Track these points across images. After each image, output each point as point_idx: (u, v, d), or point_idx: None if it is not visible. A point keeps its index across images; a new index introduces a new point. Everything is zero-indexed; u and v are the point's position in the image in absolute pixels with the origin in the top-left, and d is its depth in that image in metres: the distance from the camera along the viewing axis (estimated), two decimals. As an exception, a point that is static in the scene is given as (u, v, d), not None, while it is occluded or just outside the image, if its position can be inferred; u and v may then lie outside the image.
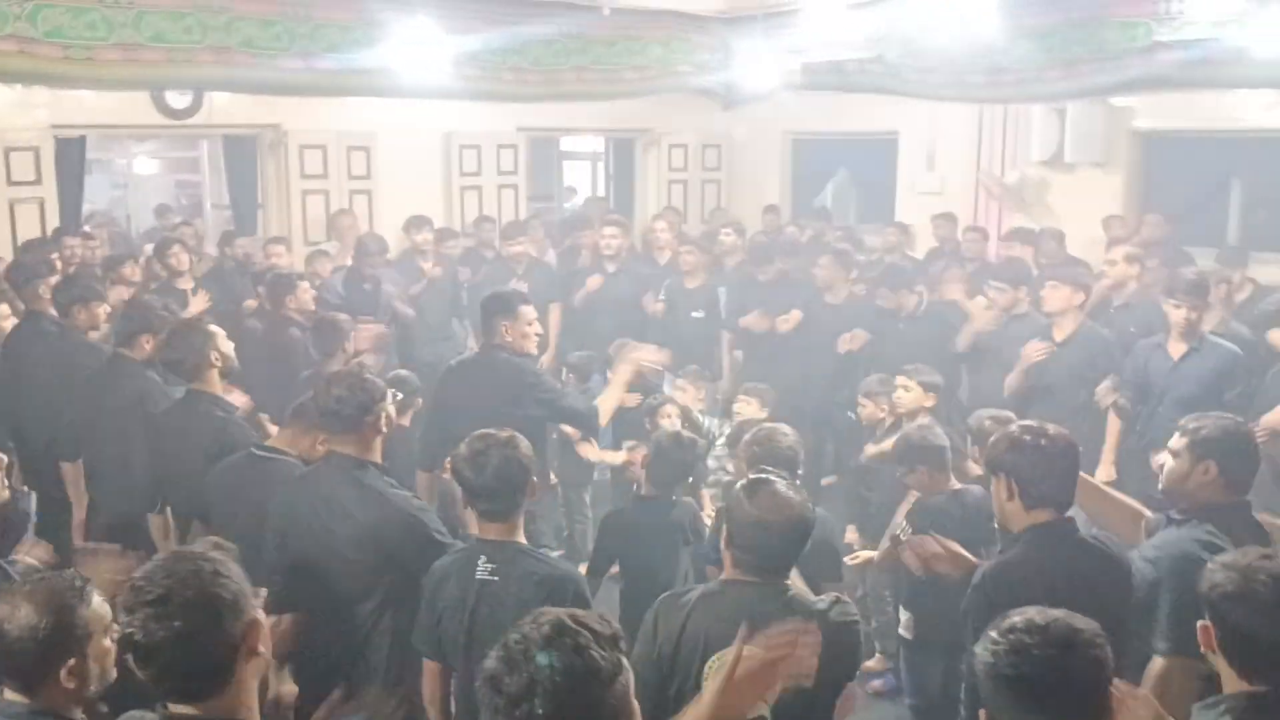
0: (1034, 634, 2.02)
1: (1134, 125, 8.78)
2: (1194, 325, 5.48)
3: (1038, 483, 3.04)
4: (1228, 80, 7.96)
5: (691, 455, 4.54)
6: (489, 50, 8.35)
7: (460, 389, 5.04)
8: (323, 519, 3.54)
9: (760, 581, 2.79)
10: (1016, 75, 9.15)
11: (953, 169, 9.95)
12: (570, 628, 1.89)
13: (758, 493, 2.80)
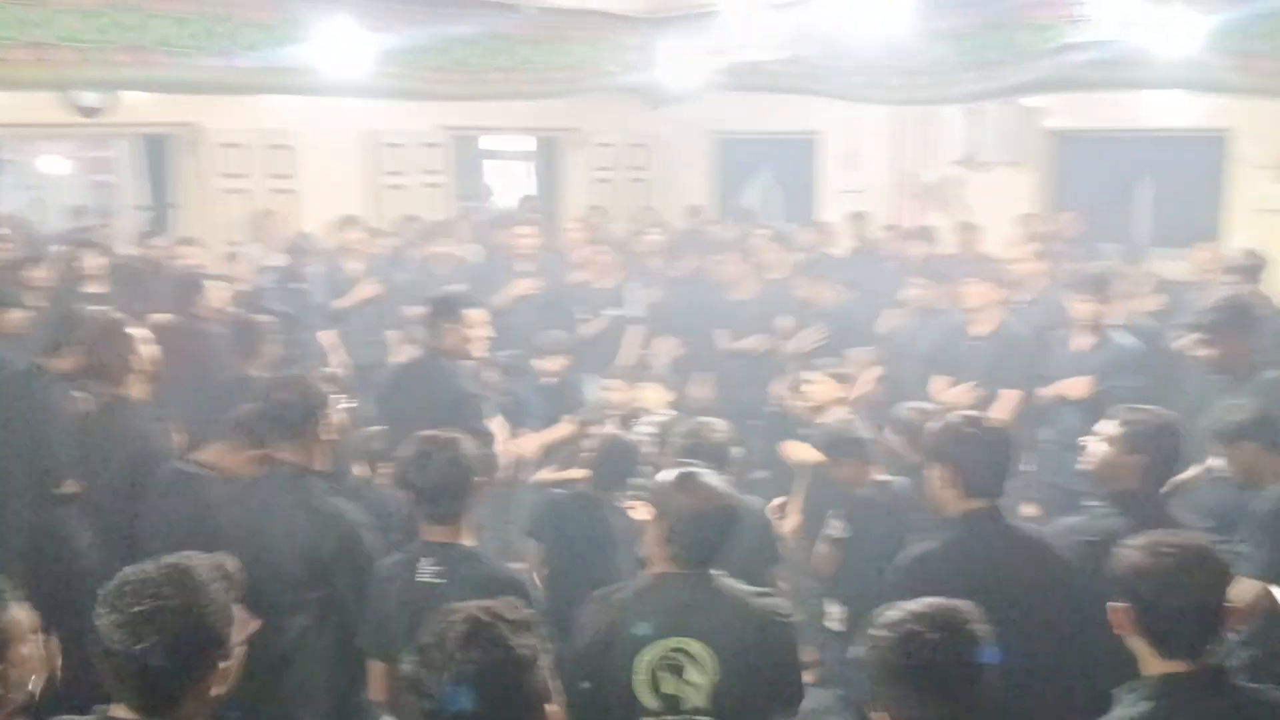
0: (920, 621, 2.06)
1: (1046, 125, 9.02)
2: (1097, 319, 5.66)
3: (977, 472, 3.13)
4: (1135, 81, 8.22)
5: (635, 458, 4.56)
6: (411, 49, 8.30)
7: (396, 395, 5.02)
8: (260, 529, 3.47)
9: (690, 573, 2.81)
10: (933, 77, 9.35)
11: (873, 169, 10.13)
12: (485, 622, 1.91)
13: (685, 484, 2.84)
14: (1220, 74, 7.70)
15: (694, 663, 2.71)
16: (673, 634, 2.72)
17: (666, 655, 2.71)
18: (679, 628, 2.72)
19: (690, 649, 2.71)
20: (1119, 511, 3.28)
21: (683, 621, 2.72)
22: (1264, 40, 7.48)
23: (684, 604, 2.75)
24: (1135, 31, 7.75)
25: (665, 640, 2.72)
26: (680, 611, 2.74)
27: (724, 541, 2.84)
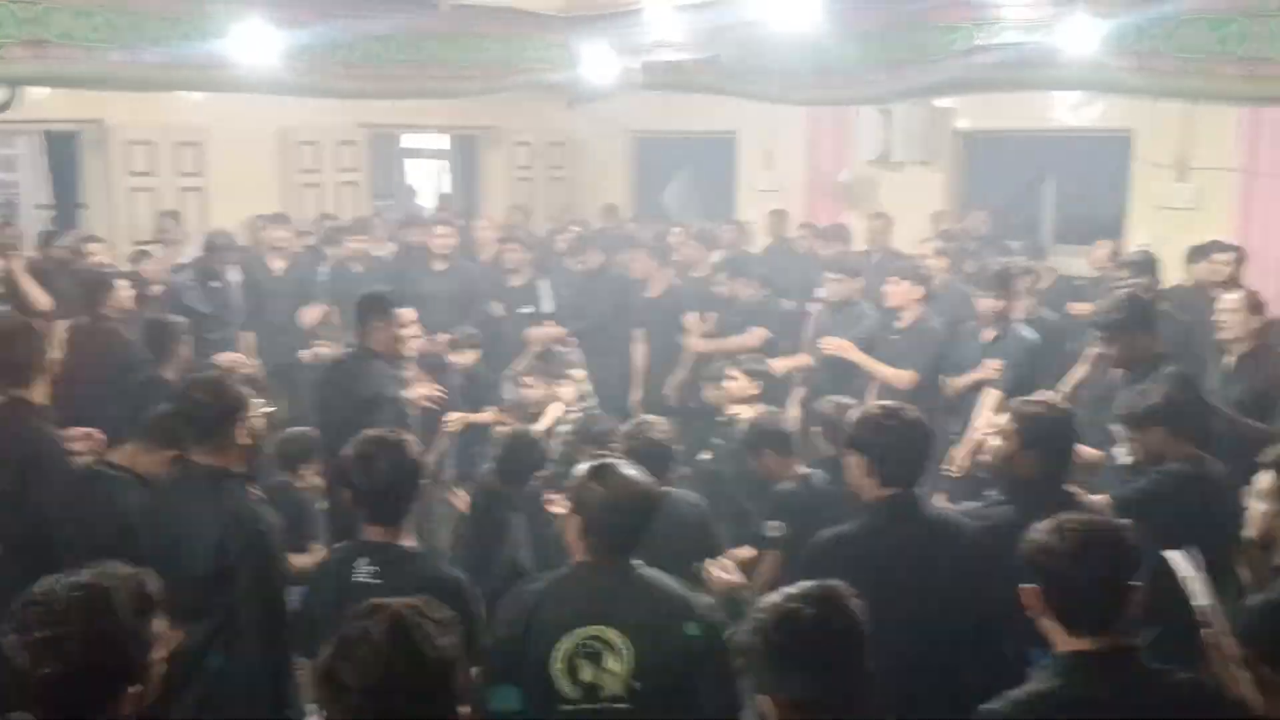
0: (796, 600, 2.10)
1: (956, 125, 9.21)
2: (1000, 313, 5.84)
3: (893, 461, 3.20)
4: (1040, 82, 8.44)
5: (538, 453, 4.56)
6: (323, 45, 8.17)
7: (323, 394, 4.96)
8: (173, 531, 3.40)
9: (609, 563, 2.82)
10: (845, 77, 9.49)
11: (789, 168, 10.25)
12: (410, 620, 1.89)
13: (603, 475, 2.85)
14: (1121, 75, 7.94)
15: (612, 651, 2.71)
16: (590, 622, 2.72)
17: (584, 643, 2.72)
18: (597, 616, 2.73)
19: (608, 637, 2.72)
20: (1019, 500, 3.37)
21: (601, 610, 2.73)
22: (1163, 41, 7.73)
23: (602, 593, 2.76)
24: (1040, 34, 7.97)
25: (583, 628, 2.72)
26: (598, 600, 2.75)
27: (642, 531, 2.85)
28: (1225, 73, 7.53)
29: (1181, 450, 3.87)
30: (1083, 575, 2.38)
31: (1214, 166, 7.81)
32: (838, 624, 2.09)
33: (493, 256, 8.69)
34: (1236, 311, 5.41)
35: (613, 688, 2.71)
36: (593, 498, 2.82)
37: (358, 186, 10.34)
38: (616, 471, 2.86)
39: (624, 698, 2.71)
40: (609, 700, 2.71)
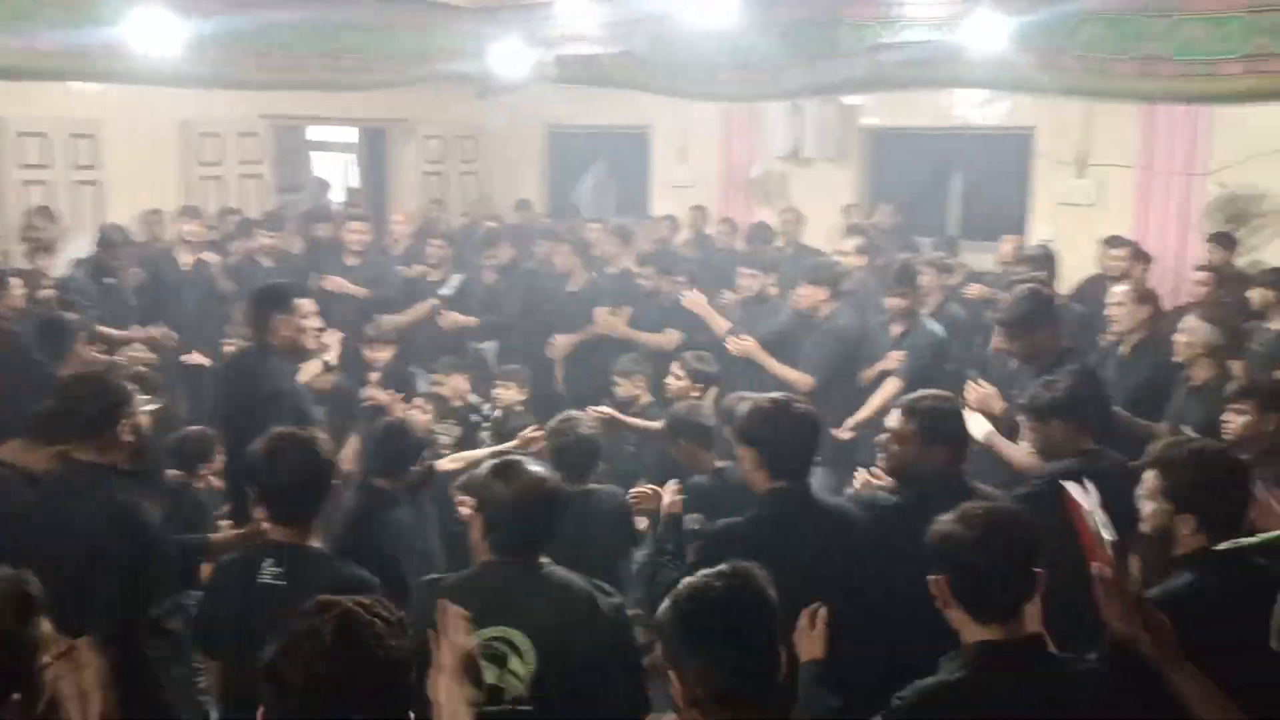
0: (710, 578, 2.10)
1: (864, 122, 9.34)
2: (906, 309, 5.95)
3: (782, 453, 3.21)
4: (946, 80, 8.60)
5: (406, 444, 4.49)
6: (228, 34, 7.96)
7: (222, 392, 4.82)
8: (54, 528, 3.29)
9: (516, 561, 2.77)
10: (758, 73, 9.56)
11: (703, 163, 10.29)
12: (360, 618, 1.82)
13: (507, 473, 2.80)
14: (1024, 73, 8.13)
15: (516, 652, 2.67)
16: (494, 623, 2.67)
17: (488, 645, 2.65)
18: (501, 617, 2.67)
19: (512, 638, 2.67)
20: (920, 492, 3.36)
21: (505, 611, 2.67)
22: (1065, 40, 7.93)
23: (507, 593, 2.70)
24: (945, 32, 8.12)
25: (486, 630, 2.65)
26: (502, 600, 2.69)
27: (548, 530, 2.81)
28: (1123, 71, 7.76)
29: (1080, 444, 3.94)
30: (988, 563, 2.40)
31: (1112, 163, 8.04)
32: (748, 600, 2.08)
33: (405, 251, 8.60)
34: (1124, 304, 5.58)
35: (516, 689, 2.66)
36: (495, 496, 2.77)
37: (261, 180, 10.09)
38: (520, 469, 2.81)
39: (528, 699, 2.66)
40: (513, 702, 2.65)
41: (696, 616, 2.07)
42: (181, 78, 8.18)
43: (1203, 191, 7.60)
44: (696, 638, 2.06)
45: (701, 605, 2.07)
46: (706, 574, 2.12)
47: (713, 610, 2.06)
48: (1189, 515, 2.77)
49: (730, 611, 2.06)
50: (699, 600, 2.08)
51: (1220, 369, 5.11)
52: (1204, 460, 2.81)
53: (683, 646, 2.06)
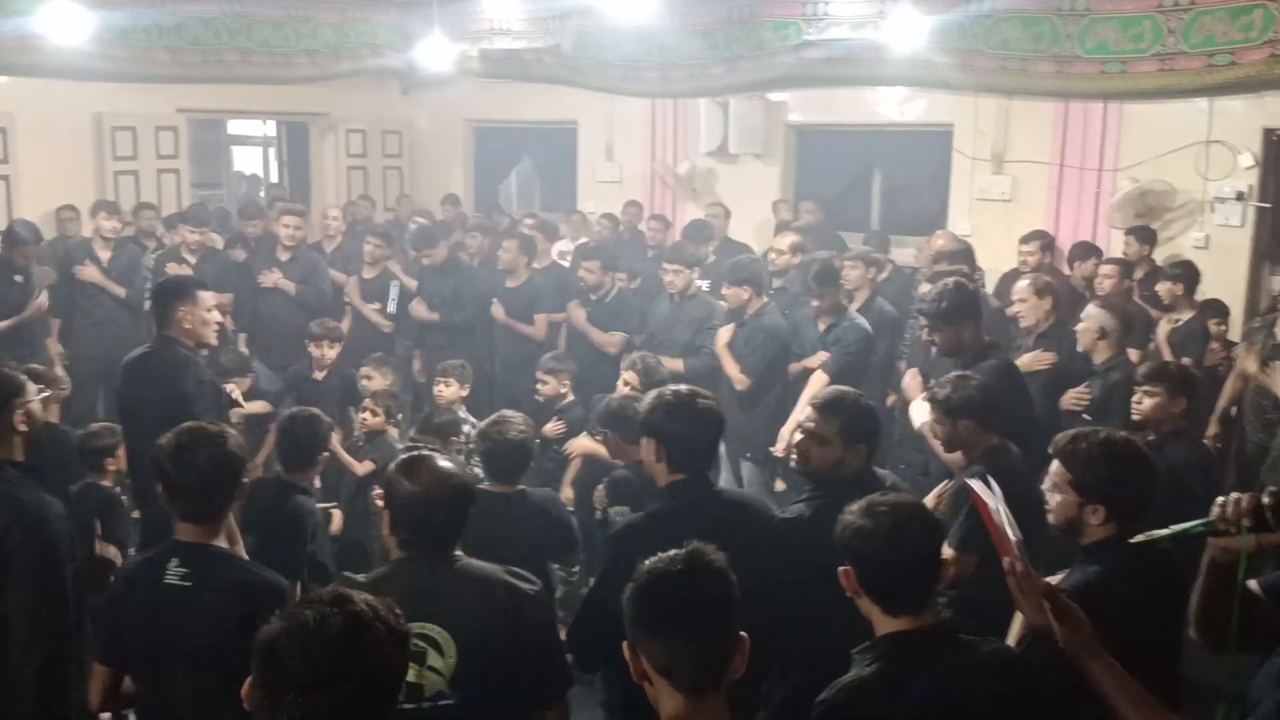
0: (670, 563, 2.12)
1: (789, 119, 9.42)
2: (831, 306, 6.06)
3: (682, 446, 3.21)
4: (866, 78, 8.74)
5: (315, 435, 4.44)
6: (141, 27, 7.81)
7: (128, 388, 4.69)
8: None
9: (427, 557, 2.75)
10: (685, 71, 9.62)
11: (630, 159, 10.30)
12: (367, 619, 1.79)
13: (415, 468, 2.76)
14: (943, 72, 8.30)
15: (435, 649, 2.65)
16: (411, 619, 2.64)
17: None
18: (418, 614, 2.60)
19: (431, 635, 2.65)
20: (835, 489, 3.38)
21: (422, 608, 2.62)
22: (982, 40, 8.11)
23: (422, 589, 2.67)
24: (866, 30, 8.24)
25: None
26: (418, 597, 2.63)
27: (458, 525, 2.77)
28: (1039, 70, 7.96)
29: (985, 442, 4.00)
30: (896, 554, 2.45)
31: (1028, 160, 8.21)
32: (704, 582, 2.09)
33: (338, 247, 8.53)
34: (1026, 300, 5.73)
35: (437, 685, 2.64)
36: (401, 492, 2.74)
37: (178, 175, 9.87)
38: (426, 464, 2.78)
39: (449, 695, 2.64)
40: (433, 699, 2.63)
41: (652, 595, 2.08)
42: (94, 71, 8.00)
43: (1115, 187, 7.80)
44: (651, 616, 2.07)
45: (659, 585, 2.08)
46: (671, 555, 2.13)
47: (668, 590, 2.08)
48: (1099, 506, 2.82)
49: (686, 592, 2.07)
50: (657, 580, 2.09)
51: (1116, 353, 5.33)
52: (1113, 451, 2.85)
53: (639, 624, 2.08)
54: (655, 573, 2.11)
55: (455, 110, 11.22)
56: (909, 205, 9.21)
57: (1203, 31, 7.22)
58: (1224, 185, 7.41)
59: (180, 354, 4.65)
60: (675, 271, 6.71)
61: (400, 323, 7.89)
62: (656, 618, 2.07)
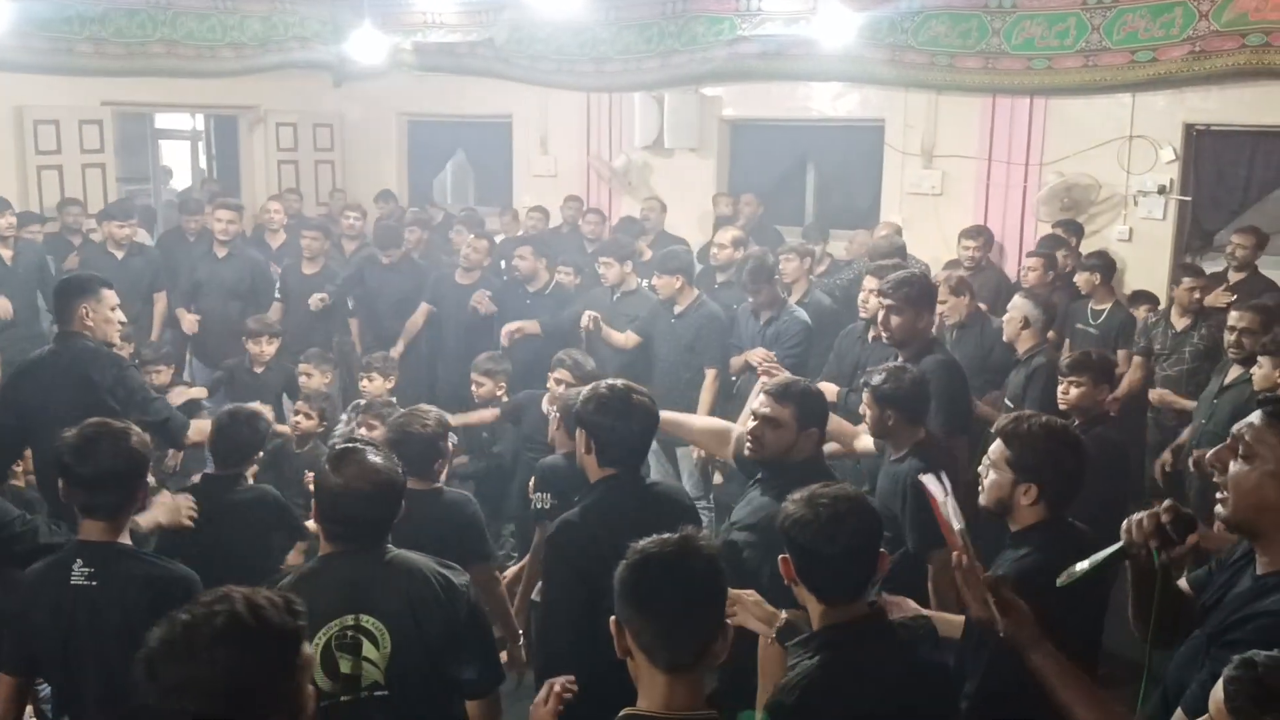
0: (662, 544, 2.14)
1: (724, 114, 9.47)
2: (771, 299, 6.10)
3: (614, 443, 3.20)
4: (799, 72, 8.82)
5: (254, 432, 4.39)
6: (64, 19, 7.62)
7: (33, 388, 4.55)
8: None
9: (358, 550, 2.75)
10: (619, 64, 9.64)
11: (565, 153, 10.28)
12: (247, 623, 1.77)
13: (343, 462, 2.76)
14: (873, 67, 8.41)
15: (370, 639, 2.66)
16: (345, 613, 2.65)
17: (340, 635, 2.65)
18: (351, 606, 2.66)
19: (365, 625, 2.66)
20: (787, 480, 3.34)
21: (355, 599, 2.65)
22: (912, 35, 8.24)
23: (355, 581, 2.68)
24: (799, 27, 8.32)
25: (338, 620, 2.65)
26: (351, 589, 2.67)
27: (386, 517, 2.77)
28: (967, 65, 8.10)
29: (913, 435, 4.07)
30: (833, 546, 2.47)
31: (957, 154, 8.35)
32: (693, 566, 2.12)
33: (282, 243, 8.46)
34: (945, 300, 5.86)
35: (372, 675, 2.65)
36: (327, 483, 2.73)
37: (104, 169, 9.64)
38: (354, 457, 2.77)
39: (384, 685, 2.65)
40: (369, 689, 2.65)
41: (640, 573, 2.10)
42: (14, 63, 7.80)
43: (1042, 181, 7.96)
44: (636, 593, 2.09)
45: (647, 563, 2.11)
46: (665, 536, 2.15)
47: (655, 569, 2.10)
48: (1031, 486, 2.89)
49: (673, 572, 2.10)
50: (647, 558, 2.12)
51: (1039, 342, 5.48)
52: (1051, 432, 2.93)
53: (625, 600, 2.10)
54: (646, 552, 2.14)
55: (388, 103, 11.11)
56: (842, 199, 9.31)
57: (1125, 28, 7.41)
58: (1146, 179, 7.62)
59: (87, 346, 4.54)
60: (607, 264, 6.74)
61: (338, 315, 7.83)
62: (641, 595, 2.09)
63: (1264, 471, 2.16)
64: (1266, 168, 7.35)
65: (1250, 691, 1.73)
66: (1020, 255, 7.78)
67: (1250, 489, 2.18)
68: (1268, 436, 2.17)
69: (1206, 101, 7.36)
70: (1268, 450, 2.17)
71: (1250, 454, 2.18)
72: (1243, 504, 2.19)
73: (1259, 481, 2.17)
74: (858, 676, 2.42)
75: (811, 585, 2.52)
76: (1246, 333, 5.19)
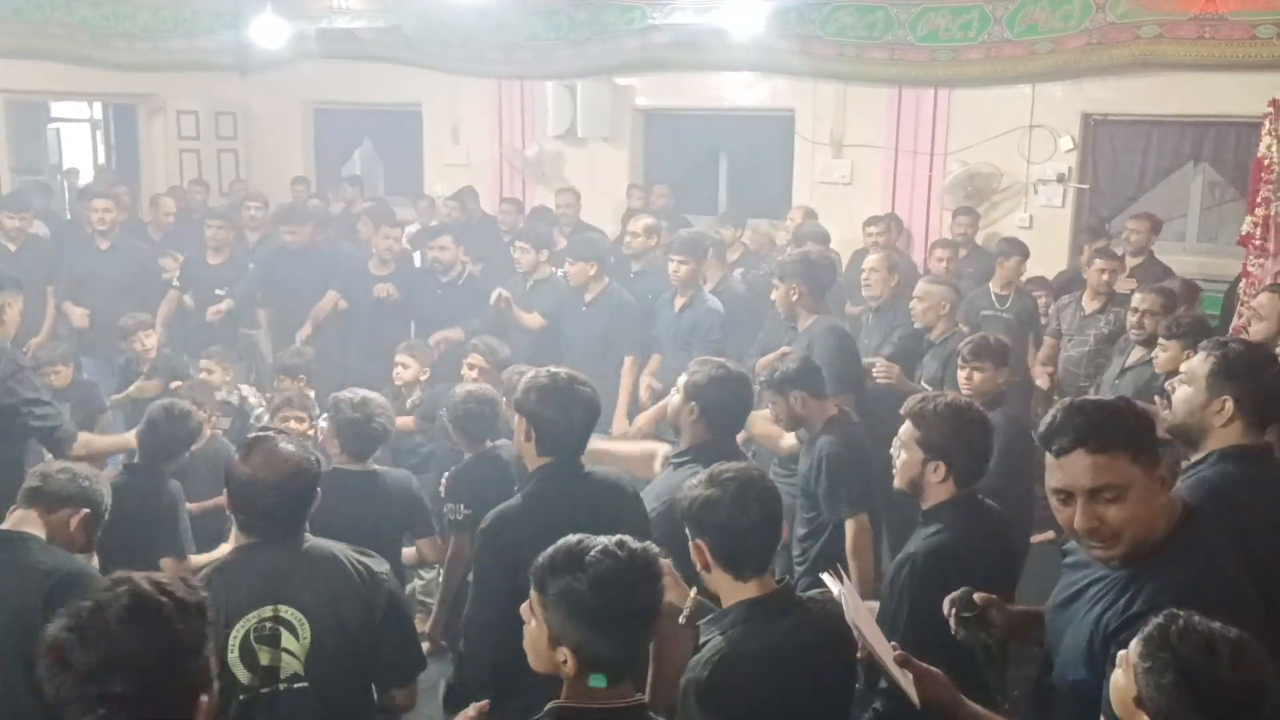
0: (619, 562, 2.06)
1: (636, 103, 9.48)
2: (690, 279, 6.07)
3: (555, 433, 3.18)
4: (710, 62, 8.87)
5: (184, 430, 4.30)
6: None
7: None
8: None
9: (274, 540, 2.71)
10: (529, 52, 9.58)
11: (477, 142, 10.19)
12: (151, 599, 1.75)
13: (252, 452, 2.73)
14: (783, 57, 8.50)
15: (289, 630, 2.63)
16: (264, 604, 2.62)
17: (259, 627, 2.61)
18: (270, 597, 2.63)
19: (284, 616, 2.63)
20: (701, 460, 3.39)
21: (273, 590, 2.63)
22: (819, 26, 8.34)
23: (273, 572, 2.65)
24: (709, 16, 8.36)
25: (256, 611, 2.62)
26: (270, 581, 2.64)
27: (296, 508, 2.73)
28: (873, 57, 8.23)
29: (824, 412, 4.17)
30: (745, 518, 2.51)
31: (865, 144, 8.48)
32: (636, 577, 2.06)
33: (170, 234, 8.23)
34: (877, 270, 5.97)
35: (292, 667, 2.63)
36: (236, 473, 2.71)
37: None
38: (262, 447, 2.74)
39: (304, 676, 2.63)
40: (288, 680, 2.62)
41: (601, 607, 2.02)
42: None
43: (946, 170, 8.13)
44: (592, 623, 2.03)
45: (607, 597, 2.02)
46: (604, 548, 2.07)
47: (617, 601, 2.03)
48: (939, 463, 2.98)
49: (632, 602, 2.05)
50: (607, 589, 2.03)
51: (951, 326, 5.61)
52: (956, 411, 3.04)
53: (571, 624, 2.03)
54: (594, 562, 2.04)
55: (294, 91, 10.88)
56: (755, 188, 9.38)
57: (1026, 20, 7.60)
58: (1046, 168, 7.83)
59: None
60: (523, 249, 6.70)
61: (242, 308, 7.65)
62: (601, 617, 2.02)
63: (1138, 492, 2.20)
64: (1160, 156, 7.60)
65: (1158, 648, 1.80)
66: (926, 244, 7.93)
67: (1134, 516, 2.21)
68: (1119, 465, 2.19)
69: (1103, 91, 7.58)
70: (1130, 476, 2.20)
71: (1118, 491, 2.20)
72: (1136, 533, 2.22)
73: (1139, 504, 2.21)
74: (772, 648, 2.45)
75: (729, 563, 2.53)
76: (1149, 314, 5.36)
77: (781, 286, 5.14)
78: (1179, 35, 7.05)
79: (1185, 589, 2.11)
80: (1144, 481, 2.19)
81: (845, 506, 4.01)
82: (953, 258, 7.00)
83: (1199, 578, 2.17)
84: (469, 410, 4.52)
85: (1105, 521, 2.20)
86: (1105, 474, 2.18)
